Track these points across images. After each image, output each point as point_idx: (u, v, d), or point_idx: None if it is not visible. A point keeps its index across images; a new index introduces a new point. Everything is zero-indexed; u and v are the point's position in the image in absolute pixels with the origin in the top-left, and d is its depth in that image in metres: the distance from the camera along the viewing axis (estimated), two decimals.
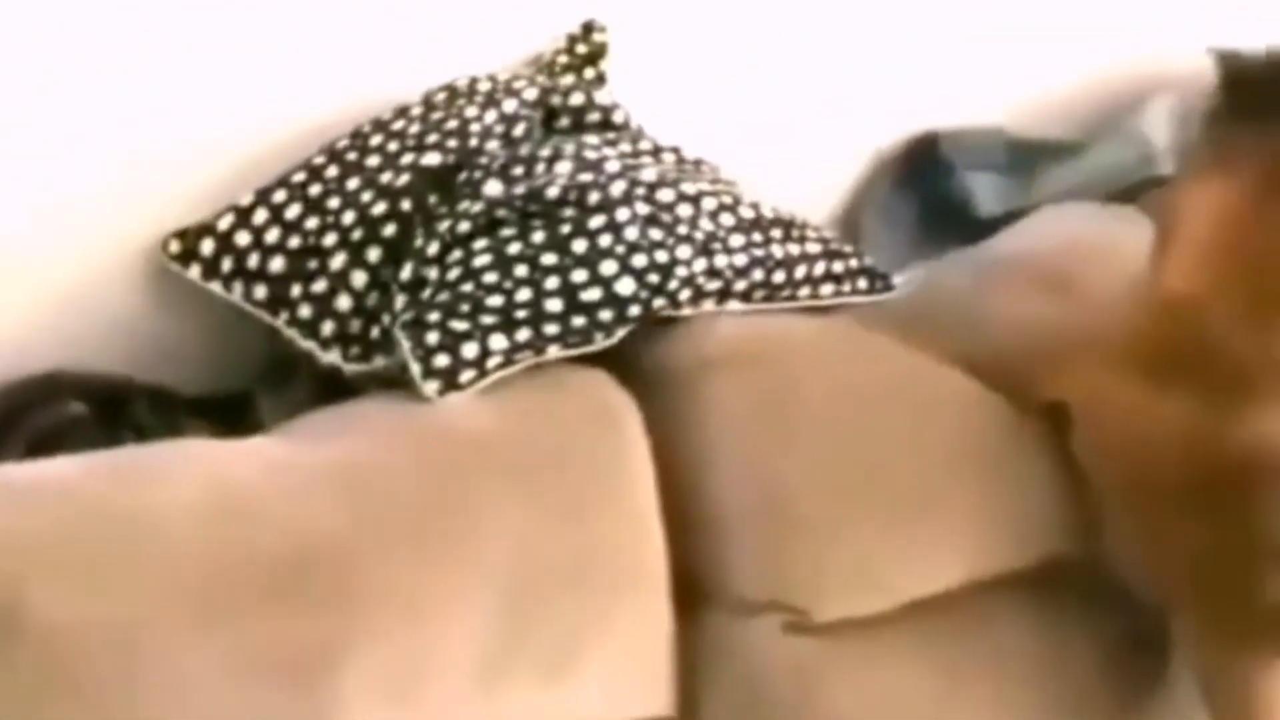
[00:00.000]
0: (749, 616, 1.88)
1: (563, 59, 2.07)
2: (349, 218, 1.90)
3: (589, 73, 2.07)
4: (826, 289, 1.96)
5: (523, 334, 1.80)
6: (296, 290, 1.88)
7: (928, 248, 2.26)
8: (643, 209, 1.86)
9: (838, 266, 1.97)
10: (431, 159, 1.92)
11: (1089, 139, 2.45)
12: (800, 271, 1.94)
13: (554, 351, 1.82)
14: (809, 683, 1.87)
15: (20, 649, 1.53)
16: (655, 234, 1.85)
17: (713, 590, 1.89)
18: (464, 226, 1.85)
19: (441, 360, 1.78)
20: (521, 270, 1.83)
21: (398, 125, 1.95)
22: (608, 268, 1.83)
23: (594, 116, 1.99)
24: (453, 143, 1.92)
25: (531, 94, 1.98)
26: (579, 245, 1.84)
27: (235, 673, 1.60)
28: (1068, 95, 2.49)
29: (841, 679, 1.88)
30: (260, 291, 1.89)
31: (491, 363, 1.79)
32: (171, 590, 1.60)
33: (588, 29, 2.09)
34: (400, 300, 1.84)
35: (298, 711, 1.62)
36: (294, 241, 1.89)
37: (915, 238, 2.33)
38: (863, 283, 1.99)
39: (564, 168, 1.88)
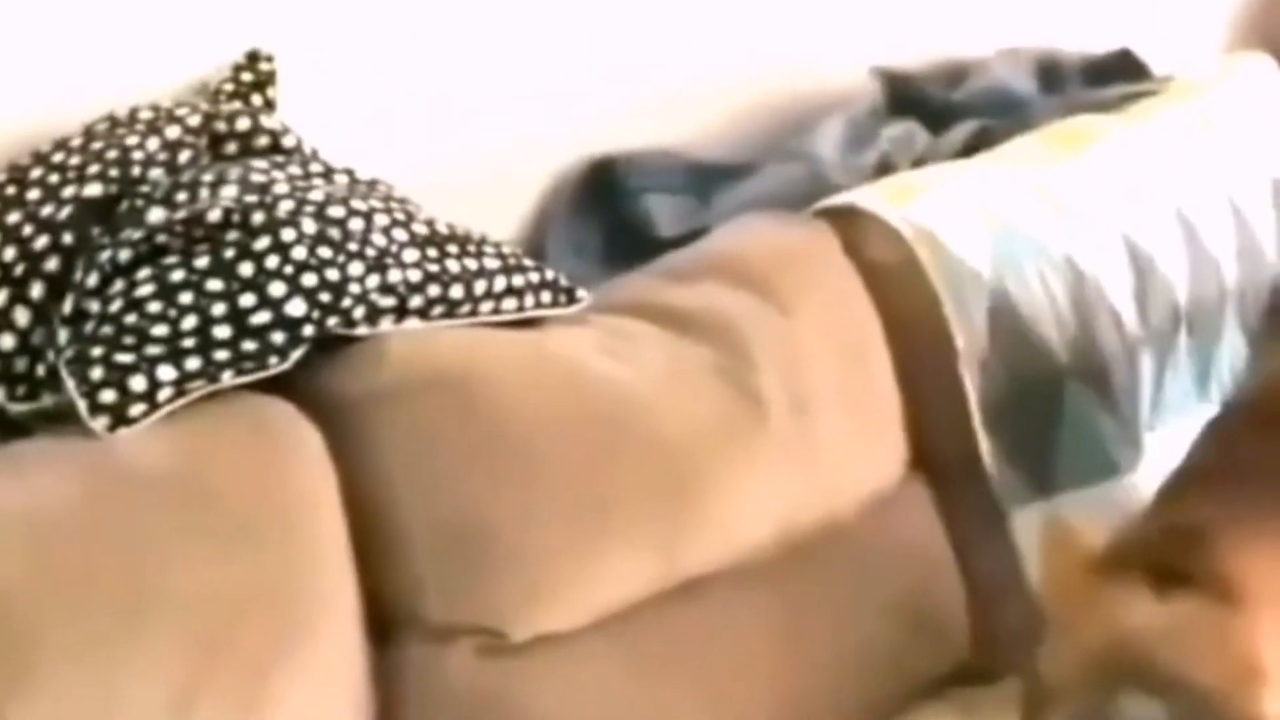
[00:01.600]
0: (444, 642, 1.87)
1: (228, 86, 2.03)
2: (9, 254, 1.84)
3: (256, 99, 2.03)
4: (509, 303, 1.95)
5: (192, 363, 1.77)
6: None
7: (612, 270, 2.27)
8: (311, 227, 1.83)
9: (518, 280, 1.97)
10: (93, 190, 1.87)
11: (761, 159, 2.50)
12: (480, 287, 1.93)
13: (228, 378, 1.78)
14: (507, 704, 1.87)
15: None
16: (325, 252, 1.83)
17: (407, 618, 1.87)
18: (125, 255, 1.81)
19: (108, 395, 1.74)
20: (186, 297, 1.79)
21: (57, 157, 1.90)
22: (276, 289, 1.80)
23: (262, 141, 1.96)
24: (114, 172, 1.88)
25: (195, 120, 1.95)
26: (245, 268, 1.81)
27: None
28: (739, 117, 2.54)
29: (540, 696, 1.88)
30: None
31: (162, 395, 1.75)
32: None
33: (253, 57, 2.06)
34: (64, 335, 1.79)
35: None
36: None
37: (599, 260, 2.34)
38: (546, 296, 1.99)
39: (229, 191, 1.85)
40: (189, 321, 1.77)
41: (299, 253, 1.82)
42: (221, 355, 1.77)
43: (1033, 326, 2.26)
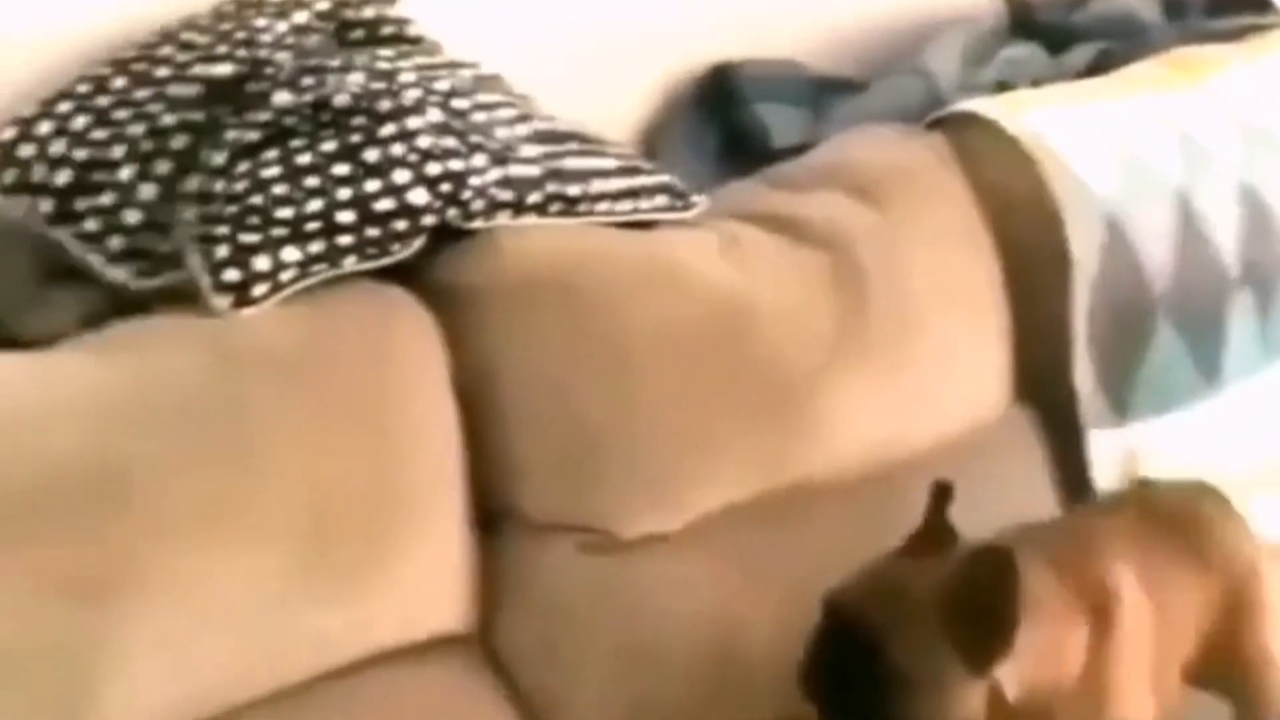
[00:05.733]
0: (546, 536, 1.89)
1: None
2: (137, 129, 1.85)
3: None
4: (625, 204, 1.95)
5: (316, 246, 1.78)
6: (83, 204, 1.84)
7: (724, 177, 2.27)
8: (436, 116, 1.84)
9: (635, 182, 1.97)
10: (221, 70, 1.88)
11: (877, 75, 2.48)
12: (597, 186, 1.93)
13: (350, 263, 1.80)
14: (606, 600, 1.89)
15: None
16: (449, 142, 1.84)
17: (511, 509, 1.89)
18: (252, 136, 1.82)
19: (232, 275, 1.75)
20: (312, 181, 1.80)
21: (186, 36, 1.91)
22: (400, 176, 1.81)
23: (388, 30, 1.96)
24: (242, 53, 1.89)
25: (323, 6, 1.95)
26: (371, 154, 1.81)
27: (26, 591, 1.56)
28: (855, 32, 2.52)
29: (639, 595, 1.90)
30: (46, 205, 1.84)
31: (285, 276, 1.76)
32: None
33: None
34: (189, 213, 1.80)
35: (91, 629, 1.59)
36: (80, 154, 1.84)
37: (712, 167, 2.34)
38: (662, 199, 1.99)
39: (356, 78, 1.86)
40: (314, 205, 1.79)
41: (424, 141, 1.83)
42: (344, 240, 1.79)
43: (1137, 254, 2.25)
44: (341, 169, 1.81)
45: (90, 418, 1.64)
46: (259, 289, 1.75)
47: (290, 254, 1.77)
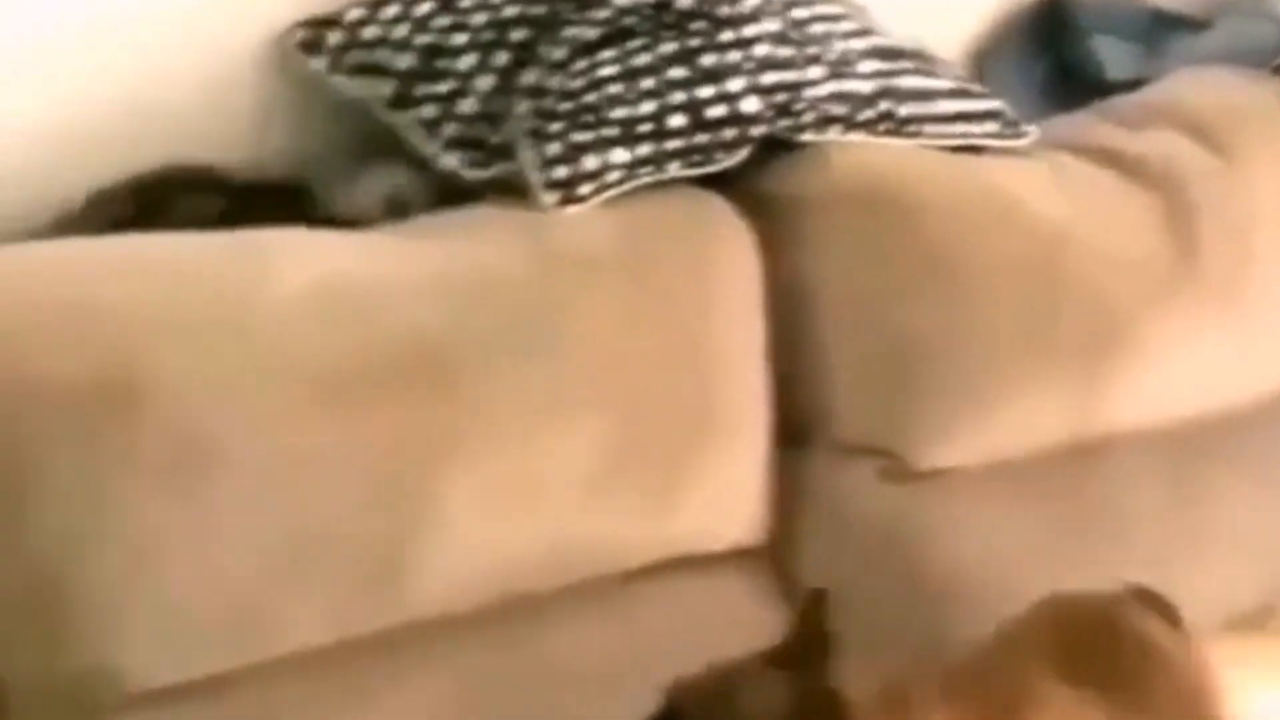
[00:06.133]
0: (847, 458, 1.87)
1: None
2: (480, 19, 1.87)
3: None
4: (955, 128, 1.92)
5: (644, 149, 1.78)
6: (421, 90, 1.86)
7: (1052, 108, 2.22)
8: (775, 25, 1.83)
9: (968, 106, 1.93)
10: None
11: (1219, 13, 2.40)
12: (929, 108, 1.90)
13: (674, 168, 1.79)
14: (901, 530, 1.87)
15: (137, 422, 1.54)
16: (785, 52, 1.83)
17: (814, 429, 1.88)
18: (591, 34, 1.82)
19: (561, 171, 1.76)
20: (648, 83, 1.80)
21: None
22: (735, 84, 1.80)
23: None
24: None
25: None
26: (707, 60, 1.81)
27: (351, 456, 1.61)
28: None
29: (931, 529, 1.88)
30: (385, 89, 1.87)
31: (611, 176, 1.77)
32: (286, 372, 1.60)
33: None
34: (523, 107, 1.82)
35: (407, 497, 1.63)
36: (422, 39, 1.87)
37: (1037, 97, 2.29)
38: (993, 126, 1.95)
39: None
40: (647, 107, 1.79)
41: (762, 50, 1.82)
42: (673, 145, 1.79)
43: None
44: (677, 72, 1.80)
45: (427, 299, 1.67)
46: (585, 188, 1.76)
47: (618, 155, 1.77)
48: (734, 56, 1.81)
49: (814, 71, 1.83)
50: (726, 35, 1.81)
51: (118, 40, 1.86)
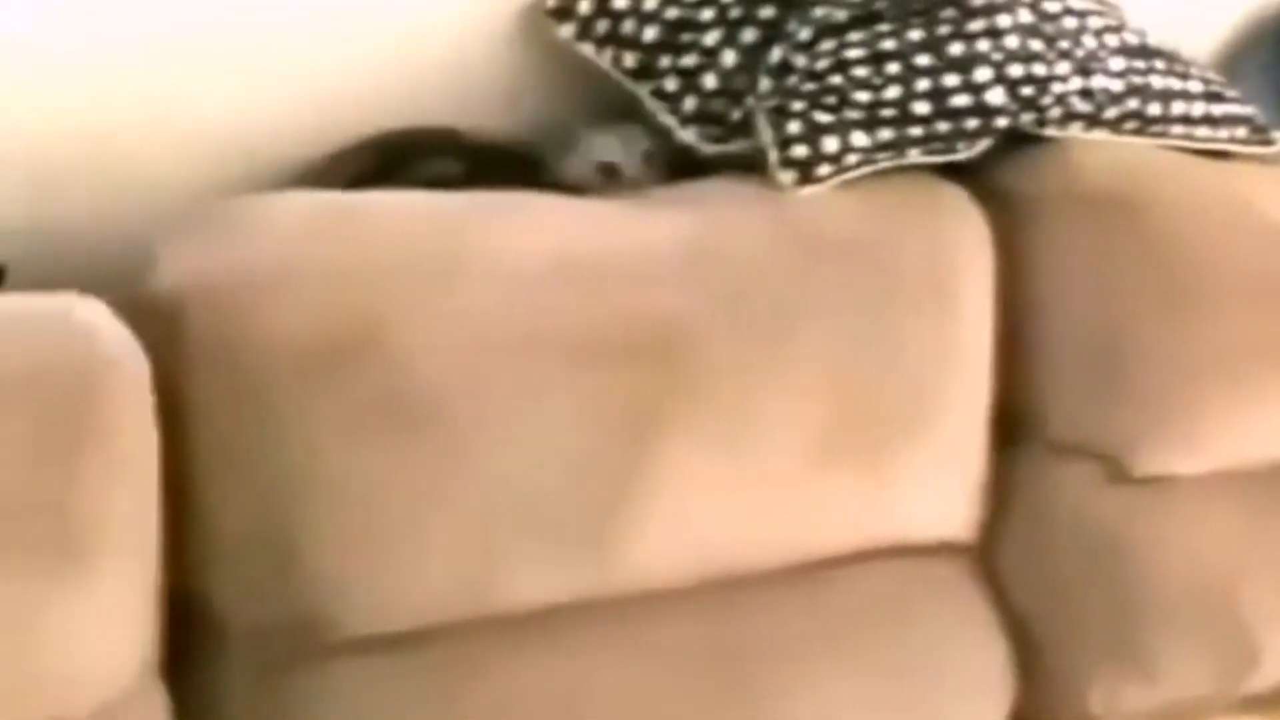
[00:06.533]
0: (1064, 459, 1.86)
1: None
2: None
3: None
4: (1202, 131, 1.89)
5: (886, 133, 1.78)
6: (665, 62, 1.87)
7: None
8: (1026, 17, 1.81)
9: (1217, 109, 1.90)
10: None
11: None
12: (1178, 108, 1.87)
13: (914, 155, 1.79)
14: (1116, 536, 1.85)
15: (378, 374, 1.57)
16: (1035, 45, 1.81)
17: (1033, 425, 1.86)
18: (839, 16, 1.82)
19: (800, 151, 1.76)
20: (893, 68, 1.79)
21: None
22: (981, 74, 1.79)
23: None
24: None
25: None
26: (955, 48, 1.80)
27: (576, 421, 1.63)
28: None
29: (1149, 538, 1.85)
30: (630, 59, 1.88)
31: (850, 159, 1.77)
32: (524, 331, 1.62)
33: None
34: (766, 84, 1.82)
35: (626, 466, 1.64)
36: (671, 12, 1.88)
37: None
38: (1241, 131, 1.92)
39: None
40: (891, 92, 1.78)
41: (1011, 41, 1.80)
42: (914, 131, 1.78)
43: None
44: (924, 59, 1.79)
45: (665, 271, 1.68)
46: (823, 169, 1.76)
47: (859, 138, 1.77)
48: (983, 46, 1.79)
49: (1062, 66, 1.81)
50: (976, 25, 1.80)
51: (380, 4, 1.90)
